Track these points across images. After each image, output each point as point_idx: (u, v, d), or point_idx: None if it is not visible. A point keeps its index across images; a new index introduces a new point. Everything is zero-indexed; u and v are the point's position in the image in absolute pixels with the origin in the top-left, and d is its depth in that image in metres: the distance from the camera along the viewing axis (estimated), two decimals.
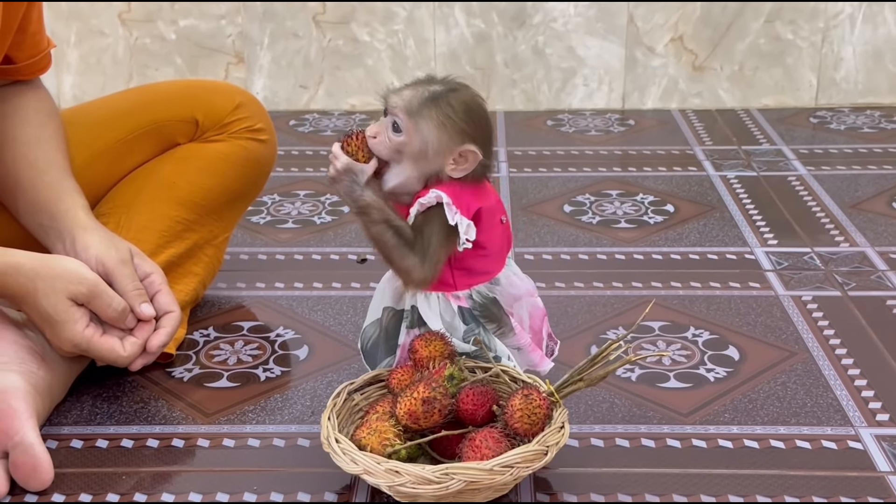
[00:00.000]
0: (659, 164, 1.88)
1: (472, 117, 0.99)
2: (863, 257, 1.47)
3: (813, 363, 1.19)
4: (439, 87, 0.99)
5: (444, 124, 0.97)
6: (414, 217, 0.99)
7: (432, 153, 0.98)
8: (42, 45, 1.20)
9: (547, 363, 1.08)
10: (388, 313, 1.06)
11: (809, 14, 2.13)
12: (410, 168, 0.99)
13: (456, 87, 1.00)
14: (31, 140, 1.17)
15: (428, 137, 0.98)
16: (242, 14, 2.17)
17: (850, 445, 1.04)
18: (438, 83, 1.01)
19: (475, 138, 0.98)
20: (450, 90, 0.99)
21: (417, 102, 0.98)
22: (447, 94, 0.99)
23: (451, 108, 0.98)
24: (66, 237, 1.12)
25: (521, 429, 0.94)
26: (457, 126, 0.98)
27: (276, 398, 1.14)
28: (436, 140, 0.98)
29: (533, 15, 2.15)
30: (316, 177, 1.84)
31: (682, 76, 2.19)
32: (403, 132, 0.98)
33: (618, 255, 1.50)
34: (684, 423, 1.08)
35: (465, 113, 0.98)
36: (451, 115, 0.98)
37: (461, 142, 0.98)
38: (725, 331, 1.27)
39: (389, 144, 0.99)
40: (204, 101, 1.31)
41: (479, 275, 1.03)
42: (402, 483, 0.89)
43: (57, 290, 1.04)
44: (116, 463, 1.03)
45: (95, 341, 1.07)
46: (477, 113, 1.00)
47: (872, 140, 1.99)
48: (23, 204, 1.16)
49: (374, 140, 1.00)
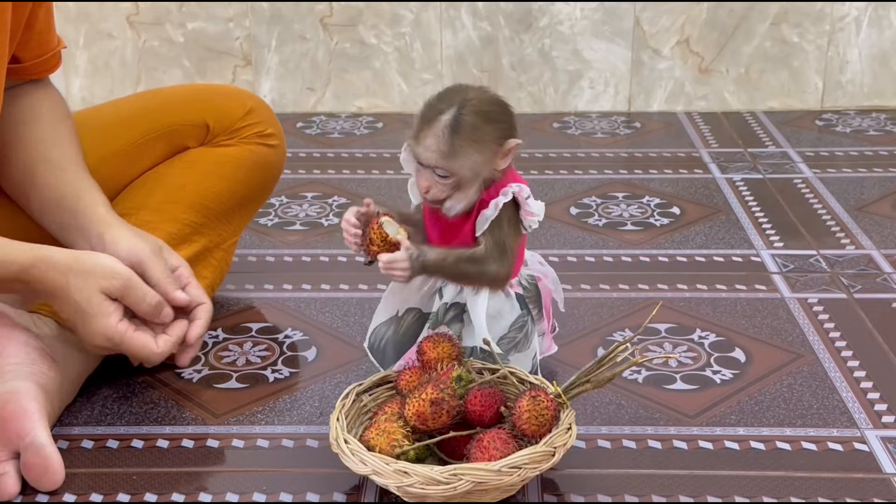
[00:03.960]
0: (665, 167, 1.89)
1: (494, 117, 1.00)
2: (868, 260, 1.48)
3: (819, 365, 1.20)
4: (447, 110, 0.99)
5: (478, 142, 0.99)
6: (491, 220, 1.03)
7: (482, 169, 1.01)
8: (51, 44, 1.20)
9: (554, 346, 1.15)
10: (413, 315, 1.08)
11: (815, 17, 2.14)
12: (470, 190, 1.02)
13: (461, 101, 1.00)
14: (45, 138, 1.17)
15: (473, 163, 1.00)
16: (250, 17, 2.18)
17: (855, 447, 1.05)
18: (442, 103, 1.00)
19: (507, 131, 1.01)
20: (458, 108, 0.99)
21: (444, 144, 0.98)
22: (460, 114, 0.99)
23: (473, 127, 0.99)
24: (91, 233, 1.12)
25: (528, 430, 0.94)
26: (488, 135, 1.00)
27: (284, 399, 1.15)
28: (480, 159, 1.00)
29: (539, 18, 2.16)
30: (323, 179, 1.85)
31: (688, 79, 2.19)
32: (450, 174, 1.00)
33: (624, 257, 1.51)
34: (691, 425, 1.09)
35: (486, 119, 1.00)
36: (478, 132, 0.99)
37: (500, 143, 1.01)
38: (731, 333, 1.28)
39: (445, 188, 1.01)
40: (215, 105, 1.32)
41: (521, 259, 1.08)
42: (411, 484, 0.90)
43: (90, 284, 1.04)
44: (127, 463, 1.04)
45: (129, 336, 1.06)
46: (494, 110, 1.01)
47: (878, 143, 1.99)
48: (39, 203, 1.16)
49: (432, 191, 1.01)
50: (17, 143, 1.17)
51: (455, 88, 1.02)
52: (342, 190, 1.79)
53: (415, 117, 1.02)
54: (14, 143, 1.17)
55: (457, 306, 1.08)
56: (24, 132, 1.18)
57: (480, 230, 1.03)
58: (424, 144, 0.99)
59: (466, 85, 1.03)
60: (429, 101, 1.01)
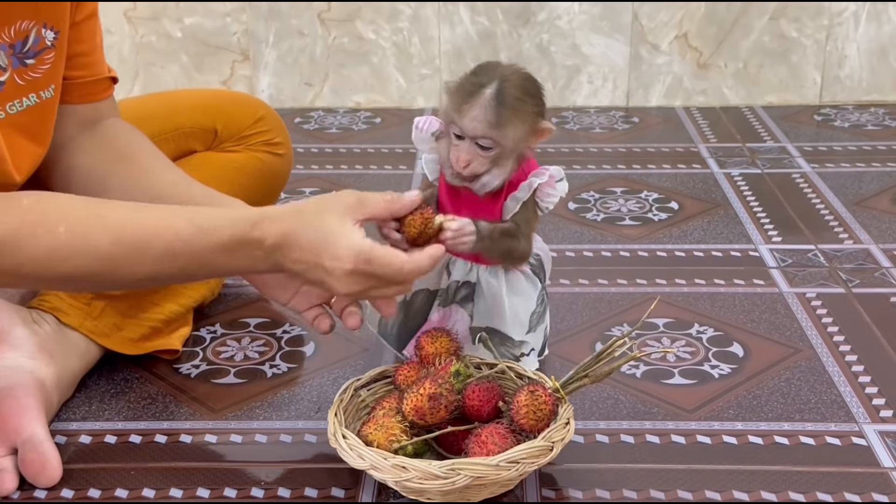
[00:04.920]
0: (663, 162, 1.88)
1: (533, 92, 1.02)
2: (867, 254, 1.48)
3: (817, 360, 1.20)
4: (489, 83, 1.00)
5: (522, 114, 1.00)
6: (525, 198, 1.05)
7: (523, 143, 1.03)
8: (96, 67, 1.16)
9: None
10: (421, 296, 1.09)
11: (814, 12, 2.14)
12: (508, 165, 1.03)
13: (501, 75, 1.01)
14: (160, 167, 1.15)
15: (516, 136, 1.01)
16: (248, 12, 2.18)
17: (854, 442, 1.05)
18: (482, 77, 1.01)
19: (543, 107, 1.03)
20: (500, 81, 1.00)
21: (492, 114, 0.99)
22: (503, 87, 1.00)
23: (517, 99, 1.00)
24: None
25: (526, 425, 0.94)
26: (529, 111, 1.01)
27: (282, 394, 1.15)
28: (523, 130, 1.01)
29: (537, 13, 2.16)
30: (322, 174, 1.85)
31: (686, 74, 2.19)
32: (493, 146, 1.01)
33: (622, 252, 1.51)
34: (689, 420, 1.09)
35: (527, 93, 1.01)
36: (522, 104, 1.00)
37: (537, 122, 1.02)
38: (730, 327, 1.28)
39: (486, 161, 1.02)
40: (226, 111, 1.33)
41: None
42: (409, 478, 0.90)
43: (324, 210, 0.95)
44: (125, 458, 1.04)
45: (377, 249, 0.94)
46: (531, 86, 1.03)
47: (876, 137, 1.99)
48: None
49: (473, 164, 1.02)
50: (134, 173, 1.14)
51: (491, 64, 1.03)
52: (340, 185, 1.79)
53: (447, 93, 1.02)
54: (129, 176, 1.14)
55: (468, 285, 1.09)
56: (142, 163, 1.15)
57: (511, 212, 1.05)
58: (471, 115, 0.99)
59: (498, 61, 1.04)
60: (466, 77, 1.02)
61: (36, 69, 1.06)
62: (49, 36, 1.06)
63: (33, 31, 1.04)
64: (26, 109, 1.06)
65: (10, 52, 1.03)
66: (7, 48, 1.02)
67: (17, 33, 1.03)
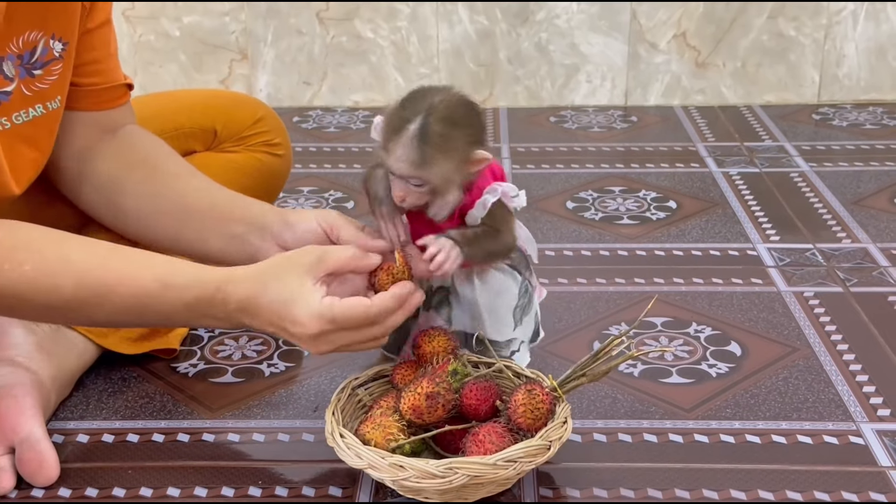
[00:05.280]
0: (661, 161, 1.89)
1: (462, 122, 0.97)
2: (864, 253, 1.48)
3: (814, 359, 1.20)
4: (414, 118, 0.95)
5: (448, 150, 0.96)
6: (482, 216, 1.02)
7: (455, 175, 0.98)
8: (109, 74, 1.16)
9: (544, 291, 1.18)
10: None
11: (812, 11, 2.14)
12: (448, 196, 1.00)
13: (427, 107, 0.95)
14: (181, 172, 1.16)
15: (443, 173, 0.97)
16: (246, 11, 2.18)
17: (851, 440, 1.05)
18: (407, 111, 0.96)
19: (476, 135, 0.99)
20: (425, 115, 0.94)
21: (415, 153, 0.95)
22: (427, 121, 0.94)
23: (441, 135, 0.95)
24: (272, 226, 1.07)
25: (524, 424, 0.94)
26: (458, 142, 0.96)
27: (280, 394, 1.15)
28: (451, 166, 0.97)
29: (536, 12, 2.16)
30: (320, 173, 1.85)
31: (684, 73, 2.19)
32: (423, 183, 0.97)
33: (620, 251, 1.51)
34: (686, 419, 1.09)
35: (454, 125, 0.96)
36: (447, 139, 0.95)
37: (469, 152, 0.98)
38: (727, 326, 1.28)
39: (420, 196, 0.99)
40: (226, 112, 1.34)
41: None
42: (407, 477, 0.90)
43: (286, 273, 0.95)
44: (122, 457, 1.04)
45: (336, 306, 0.93)
46: (461, 114, 0.97)
47: (875, 136, 1.99)
48: (198, 227, 1.11)
49: (408, 200, 0.98)
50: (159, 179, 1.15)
51: (420, 92, 0.98)
52: (339, 184, 1.79)
53: (380, 124, 0.99)
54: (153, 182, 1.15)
55: (442, 290, 1.08)
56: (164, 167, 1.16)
57: (475, 222, 1.03)
58: (395, 155, 0.95)
59: (431, 87, 0.98)
60: (394, 109, 0.97)
61: (43, 80, 1.06)
62: (57, 47, 1.06)
63: (41, 42, 1.04)
64: (32, 120, 1.06)
65: (18, 63, 1.03)
66: (15, 59, 1.02)
67: (25, 44, 1.03)
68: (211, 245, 1.10)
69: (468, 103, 0.98)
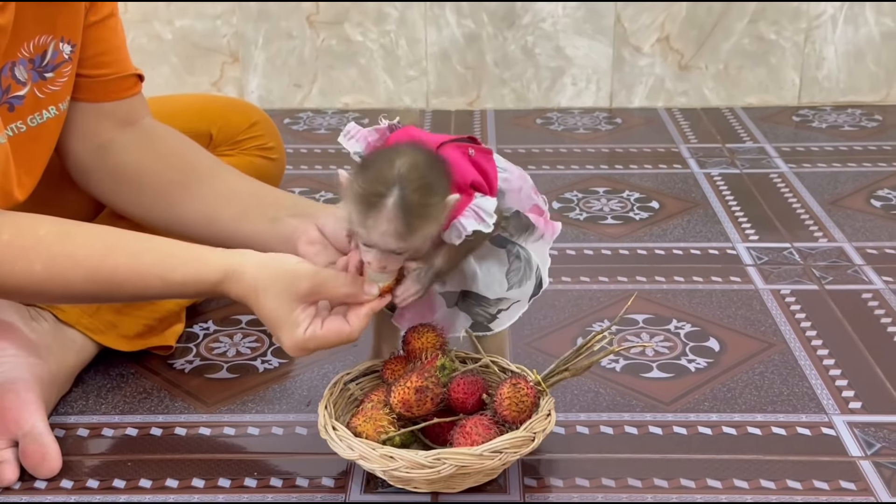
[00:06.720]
0: (645, 162, 1.93)
1: (435, 184, 0.94)
2: (840, 252, 1.52)
3: (790, 354, 1.24)
4: (388, 192, 0.91)
5: (429, 216, 0.93)
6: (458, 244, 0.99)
7: (436, 231, 0.97)
8: (118, 65, 1.18)
9: (558, 225, 1.10)
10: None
11: (792, 14, 2.18)
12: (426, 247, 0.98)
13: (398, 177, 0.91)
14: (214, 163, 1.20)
15: (429, 234, 0.95)
16: (237, 14, 2.21)
17: (823, 432, 1.09)
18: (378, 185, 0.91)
19: (447, 189, 0.95)
20: (400, 187, 0.91)
21: (400, 226, 0.92)
22: (404, 193, 0.91)
23: (420, 205, 0.92)
24: (313, 210, 1.11)
25: (509, 416, 0.98)
26: (436, 203, 0.94)
27: (274, 388, 1.19)
28: (434, 227, 0.95)
29: (522, 15, 2.20)
30: (311, 174, 1.88)
31: (668, 75, 2.24)
32: (405, 250, 0.95)
33: (604, 250, 1.55)
34: (666, 411, 1.13)
35: (430, 191, 0.93)
36: (427, 206, 0.93)
37: (444, 205, 0.95)
38: (707, 323, 1.32)
39: (401, 259, 0.97)
40: (222, 116, 1.37)
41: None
42: (397, 468, 0.94)
43: (278, 296, 0.97)
44: (121, 450, 1.07)
45: (318, 335, 0.98)
46: (432, 177, 0.94)
47: (853, 138, 2.04)
48: (236, 211, 1.14)
49: (389, 267, 0.96)
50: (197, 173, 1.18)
51: (381, 159, 0.94)
52: (329, 185, 1.82)
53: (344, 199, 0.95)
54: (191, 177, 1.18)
55: None
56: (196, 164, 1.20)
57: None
58: (378, 231, 0.92)
59: (390, 150, 0.96)
60: (362, 183, 0.92)
61: (55, 82, 1.09)
62: (66, 49, 1.09)
63: (51, 46, 1.07)
64: (45, 122, 1.10)
65: (30, 67, 1.06)
66: (27, 63, 1.06)
67: (35, 48, 1.06)
68: (245, 227, 1.13)
69: (431, 159, 0.95)
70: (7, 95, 1.04)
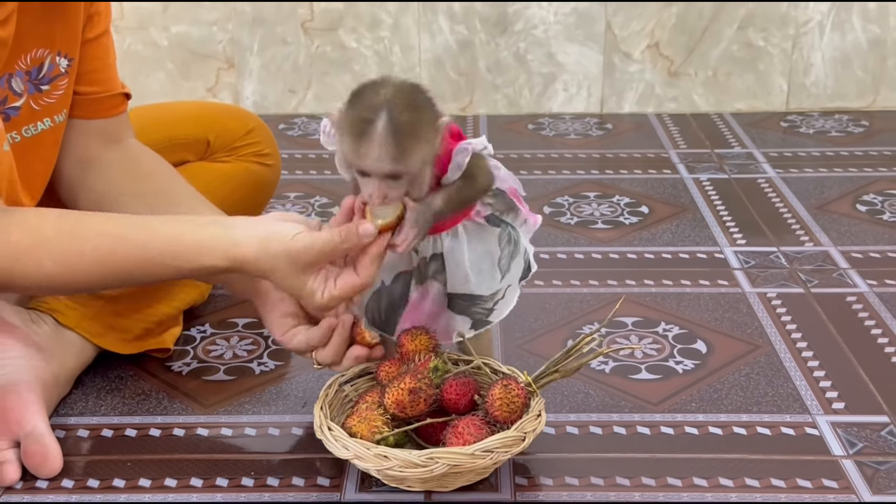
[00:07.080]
0: (635, 167, 1.95)
1: (421, 104, 0.96)
2: (826, 256, 1.55)
3: (775, 355, 1.27)
4: (376, 117, 0.93)
5: (420, 135, 0.96)
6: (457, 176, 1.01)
7: (430, 156, 0.99)
8: (107, 83, 1.20)
9: (539, 218, 1.13)
10: (400, 280, 1.09)
11: (780, 21, 2.21)
12: (426, 176, 1.00)
13: (385, 101, 0.94)
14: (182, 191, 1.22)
15: (423, 156, 0.97)
16: (233, 21, 2.23)
17: (807, 432, 1.11)
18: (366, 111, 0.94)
19: (434, 111, 0.98)
20: (388, 110, 0.93)
21: (392, 148, 0.94)
22: (393, 114, 0.93)
23: (410, 123, 0.95)
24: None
25: (500, 416, 1.00)
26: (425, 123, 0.96)
27: (270, 390, 1.21)
28: (427, 148, 0.98)
29: (514, 22, 2.22)
30: (305, 179, 1.90)
31: (658, 81, 2.26)
32: (402, 174, 0.97)
33: (594, 254, 1.57)
34: (654, 412, 1.15)
35: (417, 109, 0.96)
36: (417, 125, 0.95)
37: (435, 128, 0.97)
38: (694, 326, 1.34)
39: (400, 188, 0.98)
40: (218, 123, 1.40)
41: None
42: (391, 467, 0.96)
43: (287, 274, 1.00)
44: (121, 451, 1.09)
45: (336, 296, 1.00)
46: (418, 98, 0.97)
47: (840, 143, 2.06)
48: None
49: (389, 196, 0.98)
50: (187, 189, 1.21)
51: (365, 90, 0.96)
52: (324, 190, 1.84)
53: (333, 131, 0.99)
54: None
55: (437, 258, 1.08)
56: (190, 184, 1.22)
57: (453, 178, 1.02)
58: (372, 156, 0.94)
59: (371, 82, 0.97)
60: (347, 113, 0.95)
61: (50, 95, 1.12)
62: (63, 63, 1.12)
63: (48, 59, 1.10)
64: (40, 133, 1.12)
65: (27, 79, 1.09)
66: (24, 75, 1.08)
67: (32, 60, 1.08)
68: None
69: (416, 85, 0.98)
70: (3, 106, 1.07)
